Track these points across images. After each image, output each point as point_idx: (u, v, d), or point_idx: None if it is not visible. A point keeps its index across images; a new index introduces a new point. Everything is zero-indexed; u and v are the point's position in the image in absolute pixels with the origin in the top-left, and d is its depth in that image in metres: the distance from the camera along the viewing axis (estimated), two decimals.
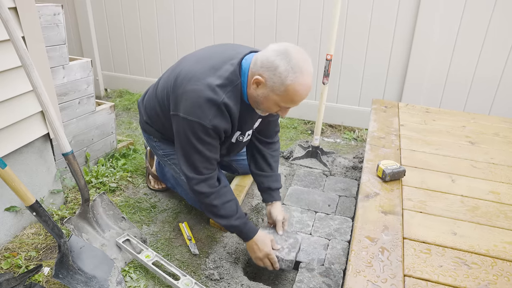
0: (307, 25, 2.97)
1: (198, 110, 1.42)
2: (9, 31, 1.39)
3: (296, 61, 1.35)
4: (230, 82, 1.45)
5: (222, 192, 1.57)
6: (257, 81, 1.41)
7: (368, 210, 1.43)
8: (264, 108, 1.50)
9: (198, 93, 1.42)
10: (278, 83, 1.36)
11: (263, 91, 1.42)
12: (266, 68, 1.38)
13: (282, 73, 1.34)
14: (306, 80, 1.37)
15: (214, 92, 1.42)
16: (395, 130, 2.12)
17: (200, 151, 1.49)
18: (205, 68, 1.48)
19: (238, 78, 1.46)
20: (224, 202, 1.57)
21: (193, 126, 1.44)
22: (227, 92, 1.44)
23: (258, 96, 1.45)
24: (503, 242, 1.28)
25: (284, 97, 1.39)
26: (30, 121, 1.75)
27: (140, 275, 1.63)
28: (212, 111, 1.43)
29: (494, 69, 2.67)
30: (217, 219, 1.60)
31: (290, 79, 1.34)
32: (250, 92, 1.48)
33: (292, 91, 1.37)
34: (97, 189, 2.14)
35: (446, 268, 1.17)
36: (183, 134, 1.49)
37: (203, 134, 1.46)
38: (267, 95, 1.42)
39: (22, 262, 1.63)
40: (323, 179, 2.44)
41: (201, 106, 1.42)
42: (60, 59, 2.00)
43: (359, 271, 1.15)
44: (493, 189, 1.60)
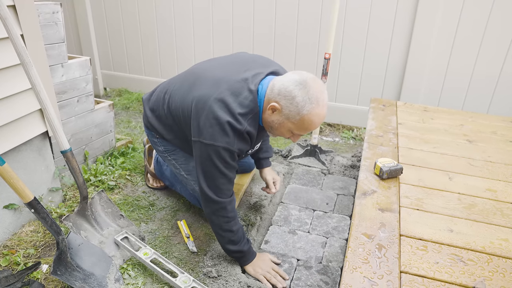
0: (306, 23, 2.97)
1: (224, 137, 1.44)
2: (8, 29, 1.40)
3: (314, 92, 1.39)
4: (250, 111, 1.48)
5: (237, 218, 1.61)
6: (273, 108, 1.45)
7: (365, 207, 1.44)
8: (277, 133, 1.56)
9: (221, 121, 1.43)
10: (294, 112, 1.41)
11: (278, 117, 1.46)
12: (283, 96, 1.41)
13: (299, 103, 1.39)
14: (321, 111, 1.42)
15: (237, 121, 1.45)
16: (393, 128, 2.13)
17: (226, 175, 1.51)
18: (224, 94, 1.47)
19: (256, 106, 1.49)
20: (238, 228, 1.60)
21: (219, 151, 1.46)
22: (248, 119, 1.48)
23: (273, 122, 1.49)
24: (499, 239, 1.29)
25: (299, 125, 1.44)
26: (29, 119, 1.75)
27: (138, 272, 1.63)
28: (236, 137, 1.47)
29: (493, 68, 2.68)
30: (228, 245, 1.61)
31: (306, 110, 1.39)
32: (265, 117, 1.52)
33: (308, 121, 1.42)
34: (95, 187, 2.15)
35: (442, 264, 1.17)
36: (208, 159, 1.49)
37: (229, 158, 1.48)
38: (282, 122, 1.46)
39: (21, 259, 1.64)
40: (321, 178, 2.44)
41: (227, 133, 1.44)
42: (59, 57, 2.00)
43: (356, 267, 1.15)
44: (490, 186, 1.60)
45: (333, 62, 3.00)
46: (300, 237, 1.90)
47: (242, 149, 1.52)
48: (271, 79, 1.51)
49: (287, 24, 3.03)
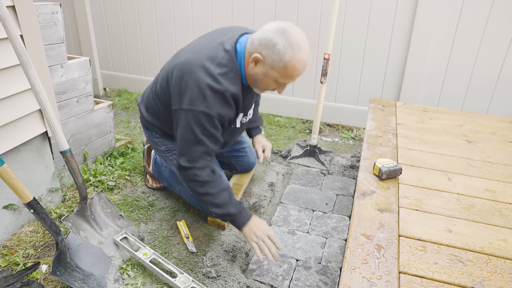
0: (305, 23, 2.97)
1: (203, 100, 1.44)
2: (7, 29, 1.40)
3: (294, 38, 1.40)
4: (229, 70, 1.48)
5: (217, 181, 1.59)
6: (255, 59, 1.45)
7: (364, 208, 1.44)
8: (262, 86, 1.55)
9: (201, 84, 1.44)
10: (277, 60, 1.41)
11: (262, 68, 1.47)
12: (264, 46, 1.42)
13: (281, 50, 1.39)
14: (304, 56, 1.43)
15: (216, 81, 1.45)
16: (393, 129, 2.13)
17: (202, 142, 1.51)
18: (202, 58, 1.49)
19: (235, 65, 1.50)
20: (219, 191, 1.58)
21: (199, 116, 1.46)
22: (228, 79, 1.48)
23: (257, 74, 1.49)
24: (498, 239, 1.29)
25: (283, 73, 1.44)
26: (28, 119, 1.75)
27: (138, 272, 1.63)
28: (217, 100, 1.46)
29: (492, 68, 2.68)
30: (212, 208, 1.60)
31: (288, 56, 1.39)
32: (248, 71, 1.52)
33: (291, 67, 1.42)
34: (95, 188, 2.15)
35: (441, 265, 1.17)
36: (187, 126, 1.50)
37: (208, 124, 1.48)
38: (266, 72, 1.46)
39: (20, 259, 1.64)
40: (320, 178, 2.44)
41: (206, 96, 1.44)
42: (58, 57, 2.00)
43: (355, 268, 1.15)
44: (489, 187, 1.61)
45: (332, 62, 3.00)
46: (299, 238, 1.90)
47: (224, 114, 1.50)
48: (248, 36, 1.52)
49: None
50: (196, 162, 1.54)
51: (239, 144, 2.18)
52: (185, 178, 1.58)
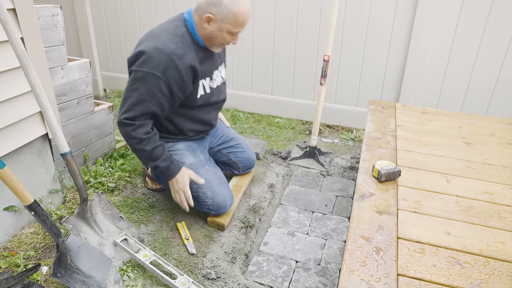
0: (305, 25, 2.98)
1: (149, 62, 1.62)
2: (8, 32, 1.40)
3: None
4: (176, 35, 1.69)
5: (153, 139, 1.74)
6: (208, 19, 1.67)
7: (363, 210, 1.44)
8: (219, 41, 1.74)
9: (150, 48, 1.63)
10: (226, 13, 1.64)
11: (215, 25, 1.68)
12: (212, 6, 1.64)
13: (227, 4, 1.63)
14: (246, 4, 1.68)
15: (164, 45, 1.64)
16: (392, 130, 2.13)
17: (144, 102, 1.67)
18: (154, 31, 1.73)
19: (182, 29, 1.71)
20: (154, 147, 1.74)
21: (145, 76, 1.64)
22: (176, 42, 1.66)
23: (212, 31, 1.70)
24: (496, 241, 1.30)
25: (234, 23, 1.67)
26: (29, 121, 1.76)
27: (138, 274, 1.64)
28: (164, 62, 1.63)
29: (491, 69, 2.69)
30: (146, 162, 1.80)
31: (235, 7, 1.63)
32: (203, 32, 1.72)
33: (240, 15, 1.66)
34: (95, 189, 2.16)
35: (439, 267, 1.18)
36: (132, 85, 1.67)
37: (153, 85, 1.65)
38: (220, 27, 1.68)
39: (21, 261, 1.64)
40: (320, 179, 2.45)
41: (152, 57, 1.62)
42: (58, 59, 2.01)
43: (353, 270, 1.16)
44: (487, 189, 1.61)
45: (332, 63, 3.01)
46: (299, 239, 1.91)
47: (171, 77, 1.65)
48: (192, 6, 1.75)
49: (286, 26, 3.04)
50: (135, 120, 1.69)
51: (232, 141, 2.24)
52: (124, 134, 1.74)
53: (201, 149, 2.05)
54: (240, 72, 3.35)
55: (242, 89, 3.41)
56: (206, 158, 2.03)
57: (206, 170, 1.94)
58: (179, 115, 1.87)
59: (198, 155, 1.98)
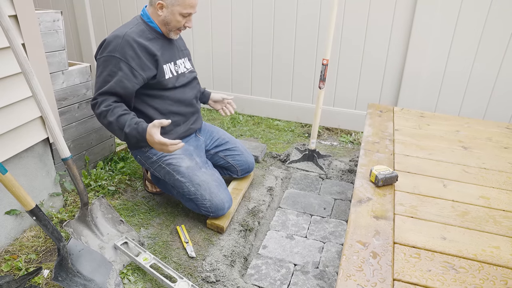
0: (303, 29, 3.00)
1: (108, 47, 1.82)
2: (10, 39, 1.42)
3: None
4: (130, 23, 1.91)
5: (116, 110, 1.80)
6: (160, 5, 1.85)
7: (360, 215, 1.46)
8: (174, 25, 1.90)
9: (108, 37, 1.85)
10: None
11: (167, 10, 1.86)
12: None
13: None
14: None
15: (119, 31, 1.85)
16: (390, 135, 2.15)
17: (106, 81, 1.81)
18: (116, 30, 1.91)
19: (137, 20, 1.92)
20: (118, 116, 1.79)
21: (106, 59, 1.82)
22: (130, 28, 1.86)
23: (166, 17, 1.88)
24: (491, 246, 1.32)
25: (182, 4, 1.84)
26: (30, 126, 1.78)
27: (138, 277, 1.66)
28: (120, 43, 1.80)
29: (489, 73, 2.71)
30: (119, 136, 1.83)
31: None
32: (159, 20, 1.91)
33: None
34: (96, 192, 2.17)
35: (435, 272, 1.20)
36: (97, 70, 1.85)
37: (112, 66, 1.80)
38: (171, 10, 1.86)
39: (22, 264, 1.66)
40: (319, 183, 2.47)
41: (110, 43, 1.81)
42: (59, 64, 2.03)
43: (350, 275, 1.18)
44: (483, 194, 1.63)
45: (331, 67, 3.03)
46: (297, 242, 1.93)
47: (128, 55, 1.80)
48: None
49: (286, 30, 3.05)
50: (98, 97, 1.82)
51: (228, 144, 2.26)
52: (95, 116, 1.86)
53: (197, 152, 2.08)
54: (239, 75, 3.37)
55: (242, 92, 3.43)
56: (203, 161, 2.06)
57: (203, 172, 1.96)
58: (156, 98, 1.96)
59: (194, 158, 2.01)
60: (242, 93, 3.43)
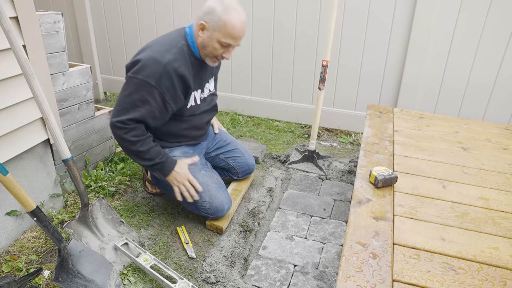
0: (304, 30, 3.01)
1: (144, 70, 1.66)
2: (11, 40, 1.43)
3: (230, 3, 1.67)
4: (173, 46, 1.73)
5: (147, 141, 1.77)
6: (201, 27, 1.71)
7: (360, 216, 1.47)
8: (210, 51, 1.75)
9: (146, 57, 1.68)
10: (216, 20, 1.66)
11: (207, 33, 1.71)
12: (206, 14, 1.69)
13: (219, 12, 1.66)
14: (240, 16, 1.68)
15: (160, 55, 1.68)
16: (389, 136, 2.16)
17: (137, 108, 1.70)
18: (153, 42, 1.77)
19: (181, 41, 1.75)
20: (149, 148, 1.77)
21: (139, 83, 1.67)
22: (173, 54, 1.70)
23: (204, 40, 1.73)
24: (490, 247, 1.32)
25: (224, 31, 1.67)
26: (31, 127, 1.79)
27: (138, 278, 1.67)
28: (158, 73, 1.66)
29: (488, 75, 2.72)
30: (142, 162, 1.80)
31: (225, 15, 1.65)
32: (198, 42, 1.76)
33: (230, 25, 1.66)
34: (96, 193, 2.18)
35: (434, 273, 1.21)
36: (126, 90, 1.71)
37: (146, 92, 1.68)
38: (211, 35, 1.70)
39: (23, 265, 1.67)
40: (319, 183, 2.47)
41: (148, 65, 1.66)
42: (60, 66, 2.03)
43: (349, 276, 1.18)
44: (482, 195, 1.64)
45: (331, 68, 3.03)
46: (297, 243, 1.93)
47: (165, 86, 1.69)
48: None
49: (285, 31, 3.06)
50: (129, 124, 1.71)
51: (230, 145, 2.26)
52: (116, 136, 1.75)
53: (197, 154, 2.08)
54: (239, 76, 3.38)
55: (242, 93, 3.44)
56: (203, 163, 2.06)
57: (203, 175, 1.96)
58: (171, 120, 1.90)
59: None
60: (242, 93, 3.44)
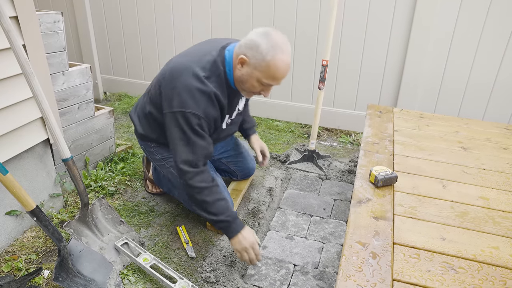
0: (303, 30, 3.01)
1: (191, 101, 1.55)
2: (11, 40, 1.43)
3: (276, 41, 1.50)
4: (212, 73, 1.60)
5: (215, 190, 1.64)
6: (241, 61, 1.55)
7: (360, 215, 1.47)
8: (248, 88, 1.62)
9: (189, 86, 1.55)
10: (260, 60, 1.50)
11: (247, 69, 1.56)
12: (249, 48, 1.53)
13: (264, 50, 1.49)
14: (285, 57, 1.51)
15: (203, 83, 1.56)
16: (389, 135, 2.16)
17: (195, 143, 1.58)
18: (190, 64, 1.61)
19: (219, 68, 1.61)
20: (216, 200, 1.63)
21: (188, 117, 1.55)
22: (212, 82, 1.59)
23: (242, 75, 1.58)
24: (490, 247, 1.32)
25: (266, 72, 1.52)
26: (31, 127, 1.79)
27: (138, 278, 1.67)
28: (204, 101, 1.56)
29: (488, 74, 2.72)
30: (207, 215, 1.65)
31: (270, 55, 1.49)
32: (235, 74, 1.61)
33: (273, 67, 1.51)
34: (96, 193, 2.18)
35: (434, 272, 1.21)
36: (178, 128, 1.57)
37: (197, 126, 1.57)
38: (251, 72, 1.55)
39: (23, 265, 1.67)
40: (318, 183, 2.47)
41: (194, 97, 1.55)
42: (60, 65, 2.03)
43: (350, 275, 1.18)
44: (482, 194, 1.64)
45: (331, 67, 3.03)
46: (297, 243, 1.93)
47: (210, 114, 1.60)
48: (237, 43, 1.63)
49: (285, 31, 3.06)
50: (194, 165, 1.59)
51: (236, 149, 2.23)
52: (186, 183, 1.62)
53: None
54: None
55: None
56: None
57: None
58: None
59: None
60: None
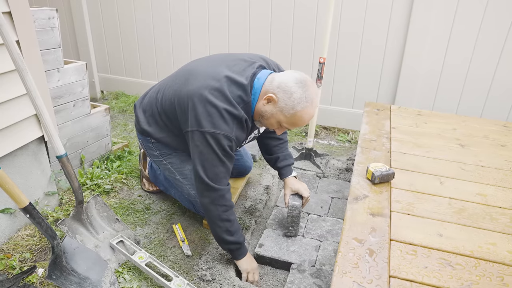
0: (301, 27, 3.00)
1: (223, 124, 1.52)
2: (3, 35, 1.41)
3: (310, 93, 1.51)
4: (242, 101, 1.57)
5: (232, 211, 1.64)
6: (269, 98, 1.54)
7: (357, 212, 1.45)
8: (265, 123, 1.63)
9: (220, 109, 1.51)
10: (289, 107, 1.51)
11: (271, 108, 1.55)
12: (282, 90, 1.51)
13: (296, 100, 1.49)
14: (312, 111, 1.55)
15: (234, 107, 1.53)
16: (387, 132, 2.15)
17: (224, 163, 1.57)
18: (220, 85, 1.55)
19: (248, 97, 1.58)
20: (235, 219, 1.65)
21: (219, 138, 1.52)
22: (242, 107, 1.57)
23: (265, 111, 1.57)
24: (487, 243, 1.31)
25: (290, 120, 1.54)
26: (25, 124, 1.77)
27: (133, 276, 1.65)
28: (235, 125, 1.55)
29: (485, 72, 2.71)
30: (225, 235, 1.62)
31: (301, 107, 1.50)
32: (258, 107, 1.59)
33: (299, 117, 1.53)
34: (91, 191, 2.16)
35: (431, 269, 1.19)
36: (208, 147, 1.53)
37: (227, 147, 1.54)
38: (275, 113, 1.55)
39: (16, 263, 1.65)
40: (316, 181, 2.46)
41: (226, 120, 1.52)
42: (55, 62, 2.02)
43: (346, 272, 1.17)
44: (480, 191, 1.63)
45: (328, 65, 3.02)
46: (294, 241, 1.92)
47: (239, 137, 1.59)
48: (268, 74, 1.61)
49: (283, 28, 3.05)
50: (221, 182, 1.58)
51: None
52: (211, 200, 1.59)
53: None
54: None
55: None
56: None
57: None
58: None
59: None
60: None
